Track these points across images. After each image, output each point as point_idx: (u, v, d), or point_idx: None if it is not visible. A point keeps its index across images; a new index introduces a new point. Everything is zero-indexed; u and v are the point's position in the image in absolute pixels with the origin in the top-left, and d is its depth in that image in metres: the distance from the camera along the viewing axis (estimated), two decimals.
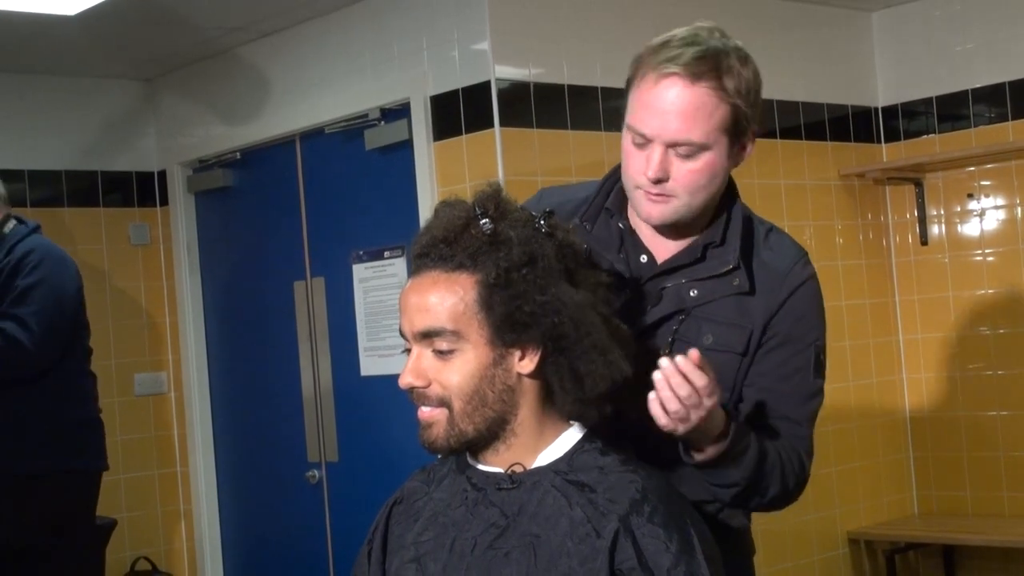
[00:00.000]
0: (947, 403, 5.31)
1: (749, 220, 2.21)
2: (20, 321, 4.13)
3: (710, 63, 2.07)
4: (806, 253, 2.24)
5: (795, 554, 5.03)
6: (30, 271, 4.22)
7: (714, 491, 2.10)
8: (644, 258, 2.18)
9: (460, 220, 1.87)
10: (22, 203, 5.38)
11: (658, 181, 2.06)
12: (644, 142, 2.08)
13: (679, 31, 2.16)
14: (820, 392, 2.25)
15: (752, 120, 2.11)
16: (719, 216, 2.18)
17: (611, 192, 2.23)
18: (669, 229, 2.15)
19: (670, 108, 2.04)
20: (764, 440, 2.10)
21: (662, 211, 2.09)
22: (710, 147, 2.06)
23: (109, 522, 5.09)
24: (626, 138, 2.12)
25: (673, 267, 2.16)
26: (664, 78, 2.06)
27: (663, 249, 2.17)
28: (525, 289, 1.82)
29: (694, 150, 2.05)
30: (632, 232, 2.19)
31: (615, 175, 2.23)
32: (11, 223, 4.35)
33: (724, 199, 2.19)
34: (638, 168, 2.09)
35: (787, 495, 2.18)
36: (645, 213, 2.11)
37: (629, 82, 2.15)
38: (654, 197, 2.08)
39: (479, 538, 1.85)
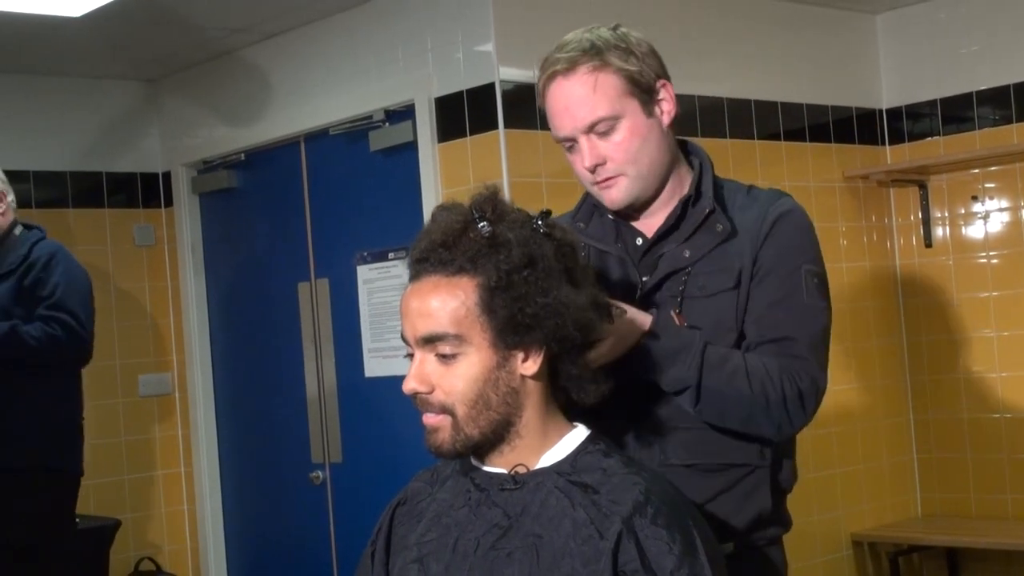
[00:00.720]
0: (951, 405, 5.30)
1: (718, 179, 2.29)
2: (71, 313, 4.33)
3: (582, 52, 2.22)
4: (789, 195, 2.29)
5: (798, 556, 5.02)
6: (63, 270, 4.41)
7: (678, 402, 2.12)
8: (639, 240, 2.26)
9: (458, 224, 1.87)
10: (27, 204, 5.39)
11: (596, 167, 2.18)
12: (571, 143, 2.20)
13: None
14: (820, 313, 2.24)
15: (652, 73, 2.25)
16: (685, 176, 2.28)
17: None
18: (646, 205, 2.25)
19: (566, 101, 2.18)
20: (737, 352, 2.14)
21: (618, 192, 2.21)
22: (621, 115, 2.17)
23: (113, 522, 5.11)
24: (565, 154, 2.25)
25: (662, 235, 2.23)
26: (550, 82, 2.21)
27: (653, 226, 2.26)
28: (526, 291, 1.82)
29: (609, 124, 2.17)
30: (623, 220, 2.28)
31: None
32: (19, 227, 4.45)
33: (687, 160, 2.31)
34: (580, 167, 2.21)
35: (769, 409, 2.11)
36: (608, 201, 2.22)
37: (541, 109, 2.28)
38: (605, 183, 2.20)
39: (482, 539, 1.85)
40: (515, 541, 1.83)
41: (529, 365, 1.85)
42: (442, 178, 4.48)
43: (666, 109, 2.24)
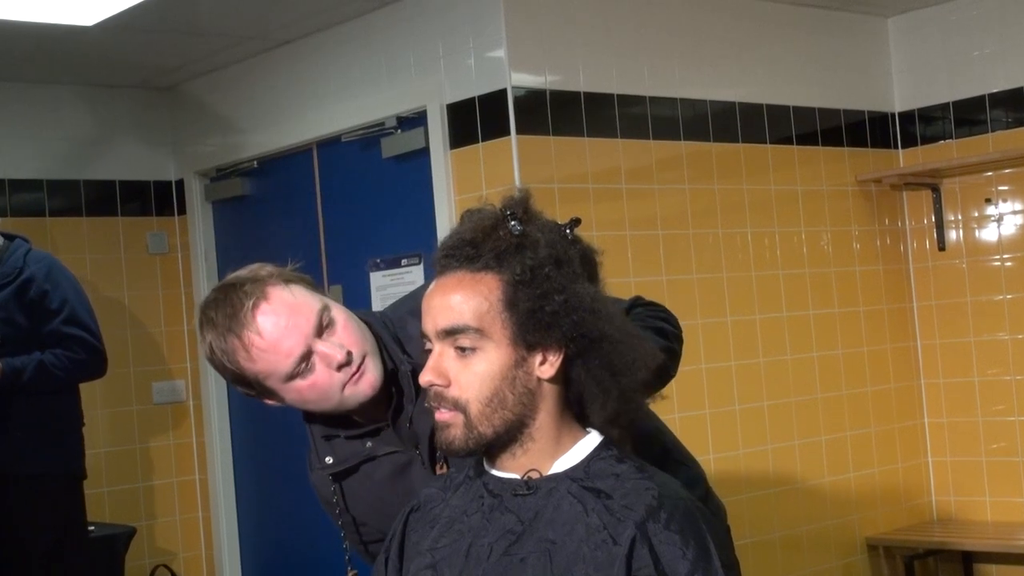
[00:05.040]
0: (965, 408, 5.29)
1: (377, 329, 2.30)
2: (86, 328, 4.38)
3: (248, 284, 2.20)
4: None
5: (813, 560, 5.02)
6: (67, 282, 4.43)
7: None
8: (383, 430, 2.28)
9: (488, 222, 1.88)
10: (40, 213, 5.42)
11: (349, 358, 2.14)
12: (305, 362, 2.16)
13: None
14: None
15: (297, 270, 2.26)
16: None
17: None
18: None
19: (283, 322, 2.15)
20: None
21: (371, 373, 2.18)
22: (326, 304, 2.19)
23: (128, 530, 5.12)
24: (294, 388, 2.21)
25: (398, 410, 2.25)
26: (254, 320, 2.16)
27: (378, 414, 2.27)
28: (549, 288, 1.82)
29: (328, 316, 2.17)
30: (353, 429, 2.31)
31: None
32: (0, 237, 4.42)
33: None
34: (325, 377, 2.16)
35: (676, 332, 2.34)
36: (370, 388, 2.18)
37: (239, 375, 2.25)
38: (354, 376, 2.17)
39: (495, 544, 1.85)
40: (528, 547, 1.83)
41: (546, 368, 1.85)
42: (454, 184, 4.48)
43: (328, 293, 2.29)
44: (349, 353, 2.14)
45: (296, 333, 2.12)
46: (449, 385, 1.86)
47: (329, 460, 2.32)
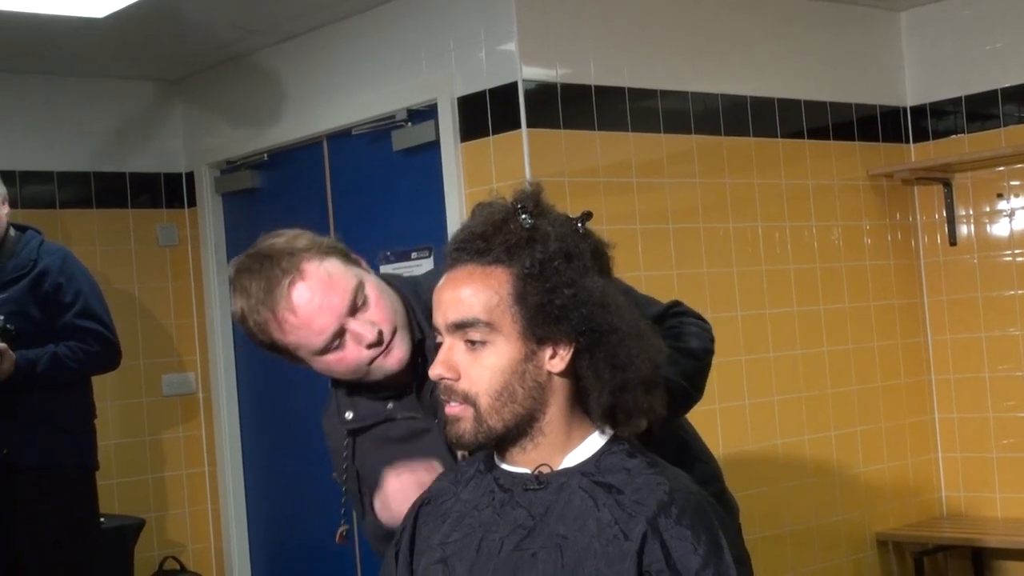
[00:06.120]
0: (976, 404, 5.28)
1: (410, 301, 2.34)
2: (100, 320, 4.38)
3: (284, 257, 2.21)
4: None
5: (823, 555, 5.02)
6: (81, 274, 4.43)
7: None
8: (410, 396, 2.33)
9: (499, 215, 1.88)
10: (51, 204, 5.43)
11: (380, 336, 2.19)
12: (337, 339, 2.19)
13: None
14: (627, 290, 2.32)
15: (335, 240, 2.29)
16: None
17: None
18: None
19: (318, 299, 2.18)
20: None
21: (399, 350, 2.22)
22: (361, 280, 2.22)
23: (137, 522, 5.13)
24: (325, 361, 2.25)
25: (422, 377, 2.27)
26: (290, 296, 2.19)
27: (402, 380, 2.30)
28: (559, 282, 1.82)
29: (362, 294, 2.20)
30: (378, 392, 2.34)
31: None
32: (11, 229, 4.41)
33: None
34: (355, 354, 2.21)
35: (706, 347, 2.38)
36: (396, 363, 2.23)
37: (273, 344, 2.26)
38: (386, 350, 2.22)
39: (506, 539, 1.85)
40: (539, 541, 1.82)
41: (556, 362, 1.85)
42: (465, 178, 4.48)
43: (363, 262, 2.30)
44: (380, 333, 2.18)
45: (329, 312, 2.16)
46: (459, 378, 1.86)
47: (349, 415, 2.36)
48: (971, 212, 5.29)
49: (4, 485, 4.25)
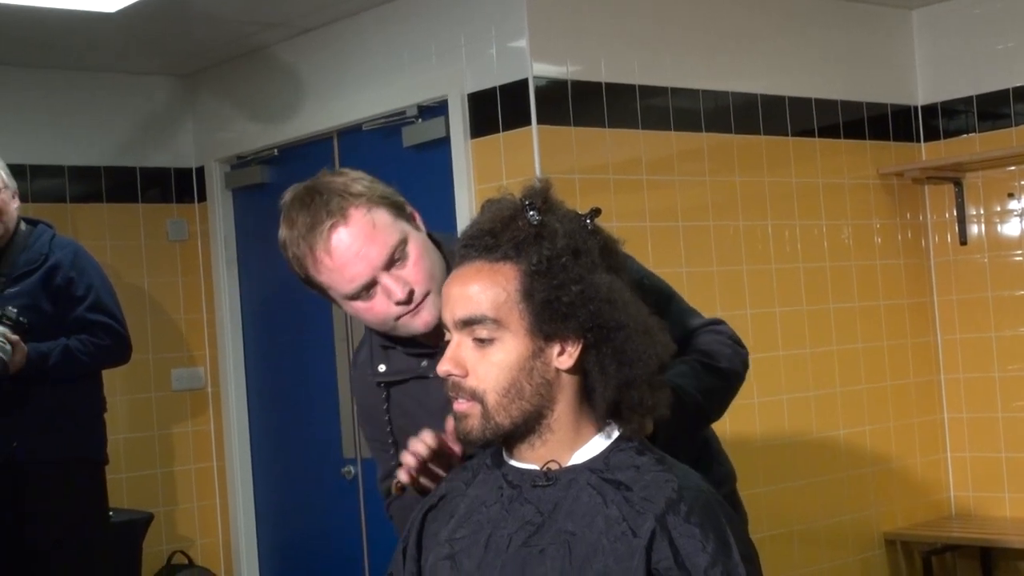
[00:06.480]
0: (985, 404, 5.27)
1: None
2: (111, 315, 4.39)
3: (335, 197, 2.20)
4: None
5: (831, 554, 5.01)
6: (92, 269, 4.44)
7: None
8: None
9: (507, 212, 1.88)
10: (61, 199, 5.43)
11: (410, 295, 2.19)
12: (368, 289, 2.20)
13: None
14: (669, 295, 2.35)
15: (395, 193, 2.27)
16: None
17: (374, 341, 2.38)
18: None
19: (355, 248, 2.18)
20: (683, 362, 2.22)
21: (428, 311, 2.22)
22: (406, 237, 2.21)
23: (146, 516, 5.14)
24: (354, 307, 2.24)
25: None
26: (329, 238, 2.19)
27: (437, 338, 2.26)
28: (566, 278, 1.82)
29: (401, 250, 2.19)
30: (409, 346, 2.33)
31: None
32: (22, 223, 4.42)
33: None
34: (384, 307, 2.21)
35: (735, 369, 2.32)
36: (422, 325, 2.22)
37: (308, 280, 2.27)
38: (416, 309, 2.21)
39: (514, 535, 1.85)
40: (547, 538, 1.82)
41: (564, 359, 1.85)
42: (475, 174, 4.48)
43: (419, 219, 2.29)
44: (411, 292, 2.19)
45: (364, 262, 2.17)
46: (467, 375, 1.86)
47: (382, 368, 2.37)
48: (982, 212, 5.28)
49: (14, 478, 4.26)
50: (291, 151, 5.39)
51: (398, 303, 2.19)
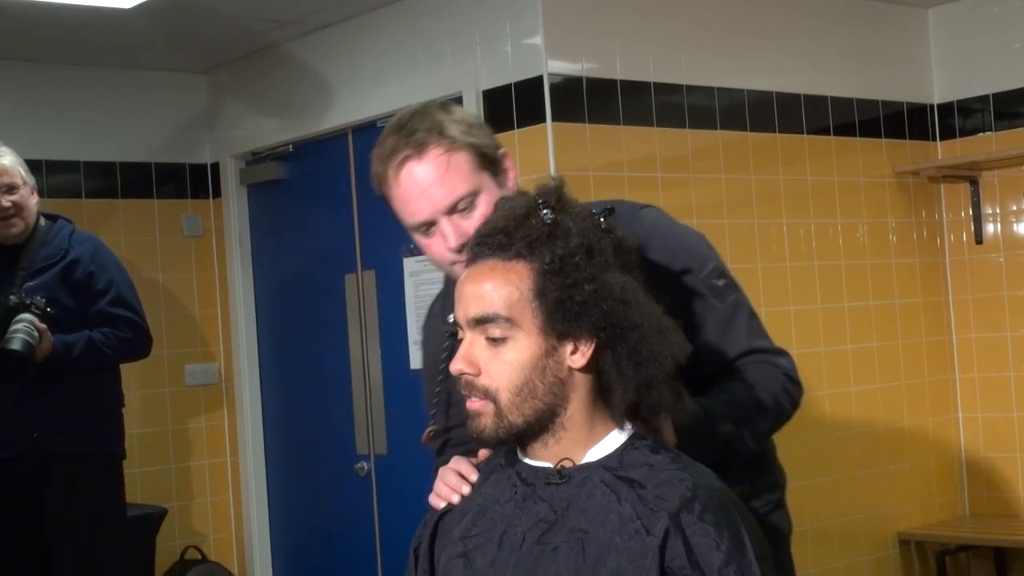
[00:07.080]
0: (1000, 403, 5.26)
1: None
2: (132, 308, 4.45)
3: (424, 131, 2.19)
4: (643, 206, 2.34)
5: (844, 554, 5.00)
6: (113, 263, 4.49)
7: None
8: None
9: (521, 210, 1.88)
10: (77, 194, 5.44)
11: (463, 246, 2.13)
12: (428, 227, 2.21)
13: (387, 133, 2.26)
14: (738, 307, 2.39)
15: (492, 145, 2.24)
16: None
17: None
18: None
19: (422, 185, 2.17)
20: (725, 387, 2.22)
21: None
22: (479, 190, 2.19)
23: (160, 511, 5.15)
24: (417, 239, 2.26)
25: None
26: (401, 168, 2.19)
27: None
28: (579, 278, 1.82)
29: (468, 201, 2.18)
30: None
31: None
32: (42, 218, 4.45)
33: None
34: (440, 249, 2.21)
35: (781, 405, 2.30)
36: None
37: (385, 198, 2.26)
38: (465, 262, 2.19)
39: (528, 533, 1.85)
40: (561, 536, 1.82)
41: (577, 358, 1.85)
42: None
43: (511, 177, 2.27)
44: (463, 245, 2.15)
45: (426, 201, 2.18)
46: (479, 374, 1.86)
47: (451, 318, 2.34)
48: (997, 210, 5.26)
49: (34, 469, 4.28)
50: (306, 148, 5.40)
51: (450, 250, 2.19)
